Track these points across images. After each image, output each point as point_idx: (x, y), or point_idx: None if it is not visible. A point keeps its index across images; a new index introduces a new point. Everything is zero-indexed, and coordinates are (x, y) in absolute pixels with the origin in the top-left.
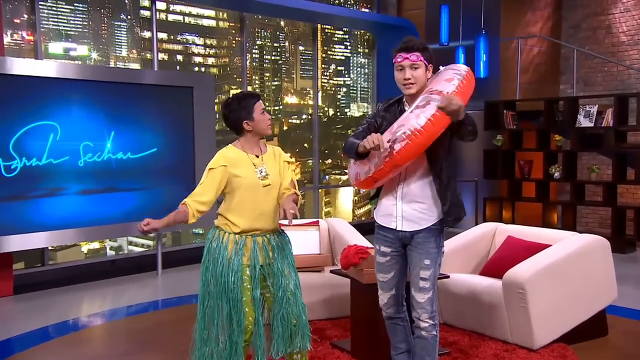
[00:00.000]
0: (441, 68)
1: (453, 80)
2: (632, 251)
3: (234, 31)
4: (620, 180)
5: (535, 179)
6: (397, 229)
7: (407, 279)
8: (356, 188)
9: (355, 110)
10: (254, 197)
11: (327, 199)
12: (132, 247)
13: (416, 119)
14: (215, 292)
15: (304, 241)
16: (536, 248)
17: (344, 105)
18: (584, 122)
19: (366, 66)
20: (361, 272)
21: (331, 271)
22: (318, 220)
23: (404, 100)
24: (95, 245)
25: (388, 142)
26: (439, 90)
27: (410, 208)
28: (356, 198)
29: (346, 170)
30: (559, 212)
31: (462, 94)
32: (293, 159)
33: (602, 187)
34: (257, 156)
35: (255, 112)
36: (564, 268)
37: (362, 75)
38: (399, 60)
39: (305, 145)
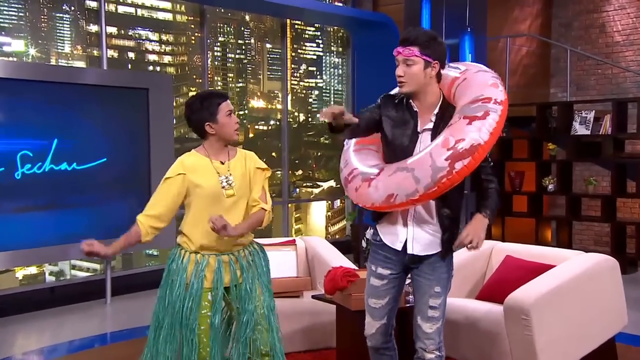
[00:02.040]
0: (461, 67)
1: (498, 86)
2: (634, 271)
3: (193, 26)
4: (619, 194)
5: (527, 191)
6: (408, 251)
7: (398, 306)
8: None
9: None
10: (216, 209)
11: (298, 215)
12: (76, 271)
13: (478, 132)
14: (168, 321)
15: (279, 263)
16: (539, 269)
17: (316, 110)
18: (579, 129)
19: (340, 66)
20: (349, 298)
21: (313, 296)
22: (294, 239)
23: (411, 100)
24: (33, 270)
25: (446, 159)
26: (494, 97)
27: (421, 230)
28: (329, 214)
29: (319, 183)
30: (553, 229)
31: (505, 112)
32: (266, 166)
33: (600, 200)
34: (223, 163)
35: (220, 114)
36: (572, 291)
37: (336, 77)
38: (395, 54)
39: (274, 154)
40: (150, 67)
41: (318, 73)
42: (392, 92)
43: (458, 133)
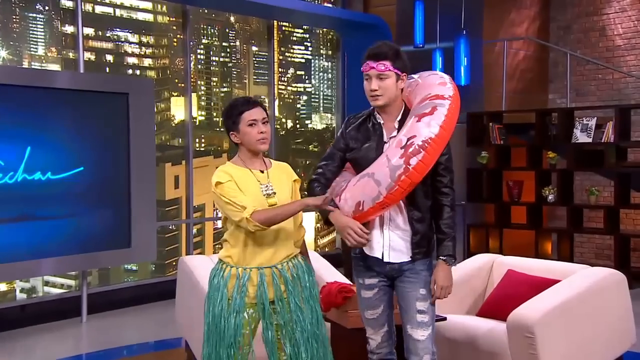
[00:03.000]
0: (415, 77)
1: (446, 84)
2: (639, 286)
3: (175, 27)
4: (623, 205)
5: (526, 202)
6: (384, 260)
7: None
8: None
9: (317, 122)
10: None
11: None
12: (49, 288)
13: (428, 127)
14: (214, 339)
15: None
16: (543, 284)
17: (304, 115)
18: (581, 137)
19: (330, 70)
20: (345, 315)
21: None
22: None
23: (375, 113)
24: (2, 287)
25: (400, 157)
26: (441, 94)
27: (397, 236)
28: (318, 225)
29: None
30: (553, 241)
31: (456, 106)
32: (298, 177)
33: (603, 212)
34: (262, 172)
35: (242, 124)
36: (578, 308)
37: (325, 81)
38: (366, 69)
39: None
40: (130, 71)
41: (307, 77)
42: (351, 116)
43: (410, 131)
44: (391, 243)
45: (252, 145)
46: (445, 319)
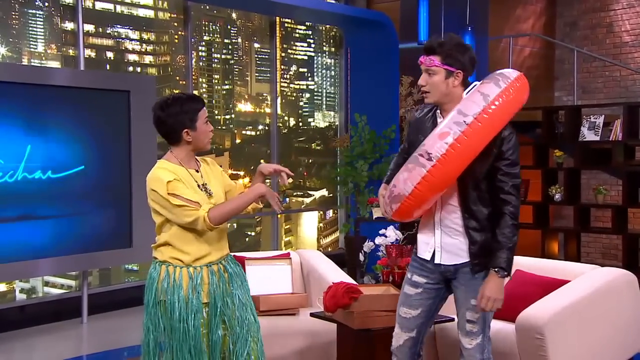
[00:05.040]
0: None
1: (447, 136)
2: None
3: (176, 24)
4: (631, 204)
5: (532, 201)
6: (435, 261)
7: (432, 322)
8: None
9: (320, 120)
10: None
11: (288, 226)
12: (49, 288)
13: (404, 184)
14: (173, 343)
15: (273, 278)
16: (552, 284)
17: (307, 113)
18: (588, 135)
19: (333, 68)
20: (351, 316)
21: (311, 314)
22: (289, 253)
23: (437, 110)
24: (2, 287)
25: (388, 197)
26: (429, 152)
27: (449, 237)
28: (321, 225)
29: (310, 192)
30: (560, 241)
31: (466, 147)
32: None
33: (611, 211)
34: (197, 171)
35: (199, 121)
36: (588, 308)
37: (328, 79)
38: (419, 62)
39: (262, 161)
40: (131, 68)
41: (309, 75)
42: (418, 107)
43: (396, 177)
44: (443, 245)
45: (204, 144)
46: (453, 319)
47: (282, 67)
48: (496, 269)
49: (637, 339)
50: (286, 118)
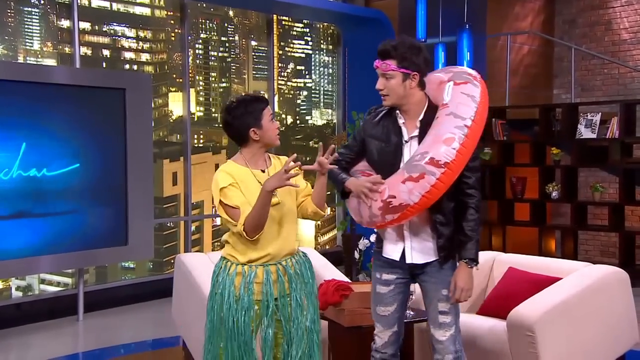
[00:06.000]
0: (443, 75)
1: (453, 141)
2: None
3: (172, 22)
4: (628, 201)
5: (529, 199)
6: (407, 261)
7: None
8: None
9: (317, 118)
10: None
11: None
12: (45, 286)
13: (409, 194)
14: (224, 336)
15: None
16: (544, 282)
17: (304, 111)
18: (585, 132)
19: (330, 65)
20: (342, 313)
21: None
22: None
23: (397, 111)
24: None
25: (379, 208)
26: (437, 160)
27: (418, 238)
28: (319, 223)
29: None
30: (557, 238)
31: (469, 149)
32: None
33: (608, 208)
34: (263, 171)
35: (264, 119)
36: (579, 306)
37: (326, 77)
38: (374, 66)
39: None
40: (127, 66)
41: (307, 72)
42: (373, 109)
43: (392, 188)
44: (412, 244)
45: (272, 140)
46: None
47: (280, 64)
48: (466, 260)
49: (628, 336)
50: (284, 116)
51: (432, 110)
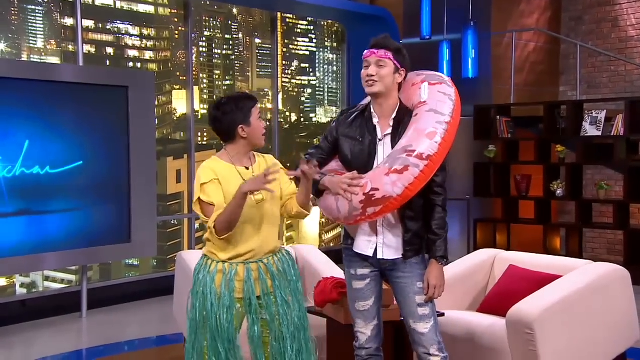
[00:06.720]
0: (415, 77)
1: (436, 135)
2: None
3: (176, 19)
4: (633, 199)
5: (534, 196)
6: (378, 256)
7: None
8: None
9: (322, 115)
10: (243, 216)
11: (289, 222)
12: (49, 283)
13: (392, 186)
14: (207, 334)
15: None
16: (544, 279)
17: (308, 109)
18: (590, 130)
19: (335, 63)
20: (340, 310)
21: None
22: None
23: (371, 109)
24: (2, 282)
25: (360, 202)
26: (421, 152)
27: (391, 235)
28: (323, 220)
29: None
30: (562, 236)
31: (448, 144)
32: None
33: (613, 206)
34: (247, 168)
35: (253, 117)
36: (579, 304)
37: (330, 74)
38: (366, 55)
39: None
40: (131, 64)
41: (311, 70)
42: (345, 110)
43: (376, 181)
44: (385, 240)
45: (258, 139)
46: (443, 314)
47: (284, 62)
48: (437, 258)
49: (629, 335)
50: (288, 113)
51: (403, 111)
